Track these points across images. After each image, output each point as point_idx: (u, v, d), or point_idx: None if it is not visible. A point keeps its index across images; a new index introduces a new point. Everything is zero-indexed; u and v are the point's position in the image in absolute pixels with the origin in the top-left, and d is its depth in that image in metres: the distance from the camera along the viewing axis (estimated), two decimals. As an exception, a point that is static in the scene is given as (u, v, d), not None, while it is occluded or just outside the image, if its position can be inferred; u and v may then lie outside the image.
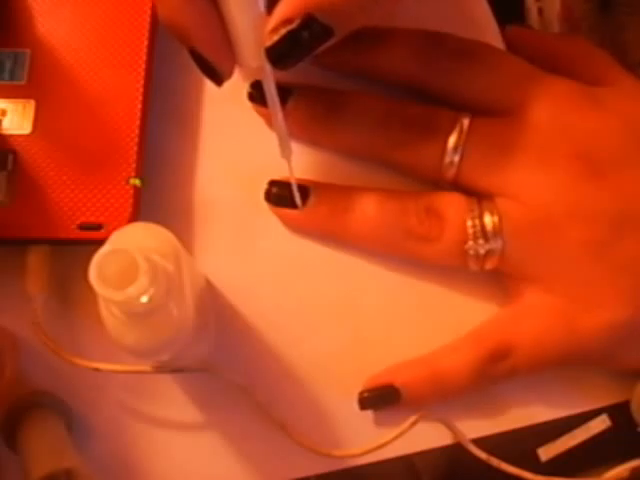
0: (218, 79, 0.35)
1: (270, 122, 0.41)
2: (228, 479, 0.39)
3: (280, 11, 0.33)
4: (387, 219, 0.39)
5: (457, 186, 0.39)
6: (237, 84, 0.42)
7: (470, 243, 0.37)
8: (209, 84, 0.42)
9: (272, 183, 0.40)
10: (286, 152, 0.37)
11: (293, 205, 0.39)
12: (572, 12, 0.43)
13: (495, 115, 0.38)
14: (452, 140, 0.38)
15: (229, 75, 0.35)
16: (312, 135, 0.41)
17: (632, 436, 0.39)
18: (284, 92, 0.40)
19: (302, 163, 0.41)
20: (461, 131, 0.37)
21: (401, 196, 0.39)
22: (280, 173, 0.40)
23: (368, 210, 0.39)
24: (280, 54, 0.33)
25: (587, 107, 0.38)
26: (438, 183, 0.39)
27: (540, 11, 0.43)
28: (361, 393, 0.39)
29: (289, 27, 0.33)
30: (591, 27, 0.43)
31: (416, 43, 0.39)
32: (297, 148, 0.41)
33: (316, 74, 0.41)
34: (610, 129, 0.37)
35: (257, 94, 0.40)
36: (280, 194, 0.40)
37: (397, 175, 0.41)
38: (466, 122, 0.38)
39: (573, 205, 0.37)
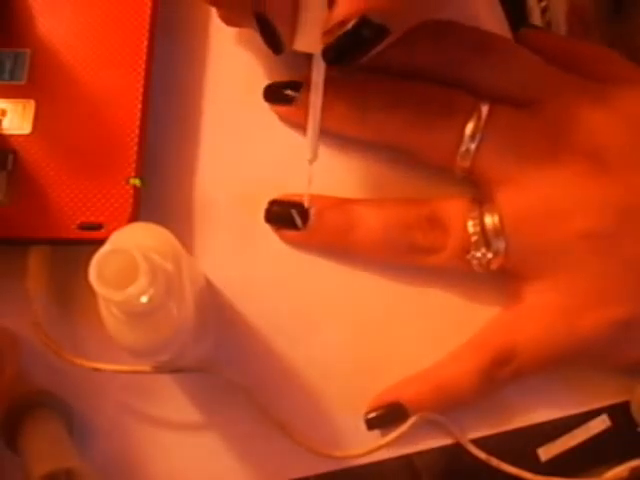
0: (279, 48, 0.35)
1: (288, 118, 0.41)
2: (228, 479, 0.39)
3: (336, 14, 0.33)
4: (391, 235, 0.39)
5: (469, 173, 0.39)
6: (236, 84, 0.42)
7: (472, 253, 0.37)
8: (209, 84, 0.42)
9: (272, 203, 0.40)
10: (313, 155, 0.37)
11: (294, 226, 0.39)
12: (583, 14, 0.43)
13: (512, 107, 0.38)
14: (470, 127, 0.38)
15: (290, 47, 0.35)
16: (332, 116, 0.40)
17: (632, 436, 0.39)
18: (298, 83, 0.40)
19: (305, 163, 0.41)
20: (479, 118, 0.38)
21: (403, 207, 0.39)
22: (282, 174, 0.40)
23: (371, 227, 0.39)
24: (336, 55, 0.34)
25: (599, 105, 0.38)
26: (451, 168, 0.39)
27: (544, 11, 0.43)
28: (367, 413, 0.39)
29: (344, 29, 0.33)
30: (603, 29, 0.43)
31: (434, 33, 0.40)
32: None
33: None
34: (620, 127, 0.37)
35: (270, 93, 0.40)
36: (280, 214, 0.40)
37: (404, 168, 0.41)
38: (485, 109, 0.38)
39: (578, 199, 0.37)
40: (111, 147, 0.39)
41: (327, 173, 0.41)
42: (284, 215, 0.39)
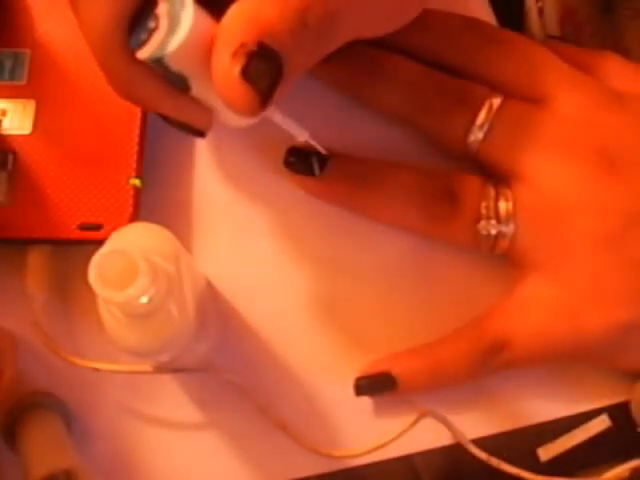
0: (200, 134, 0.34)
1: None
2: (228, 479, 0.39)
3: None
4: (405, 196, 0.39)
5: (478, 162, 0.39)
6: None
7: (482, 222, 0.38)
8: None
9: (291, 150, 0.40)
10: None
11: (311, 172, 0.39)
12: (574, 15, 0.43)
13: (525, 102, 0.38)
14: (480, 117, 0.38)
15: (210, 128, 0.34)
16: (349, 88, 0.41)
17: (632, 436, 0.39)
18: None
19: (323, 134, 0.41)
20: (490, 109, 0.38)
21: (421, 174, 0.39)
22: (282, 174, 0.40)
23: (388, 186, 0.39)
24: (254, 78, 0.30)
25: (613, 106, 0.38)
26: (461, 156, 0.39)
27: (541, 12, 0.43)
28: (357, 379, 0.39)
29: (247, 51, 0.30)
30: (593, 31, 0.43)
31: (451, 24, 0.40)
32: (320, 118, 0.41)
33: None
34: (632, 130, 0.38)
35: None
36: (298, 161, 0.40)
37: (421, 149, 0.41)
38: (497, 102, 0.38)
39: (588, 198, 0.37)
40: (111, 147, 0.39)
41: (349, 144, 0.41)
42: (303, 161, 0.39)
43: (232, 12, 0.30)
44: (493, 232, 0.38)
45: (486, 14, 0.43)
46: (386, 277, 0.40)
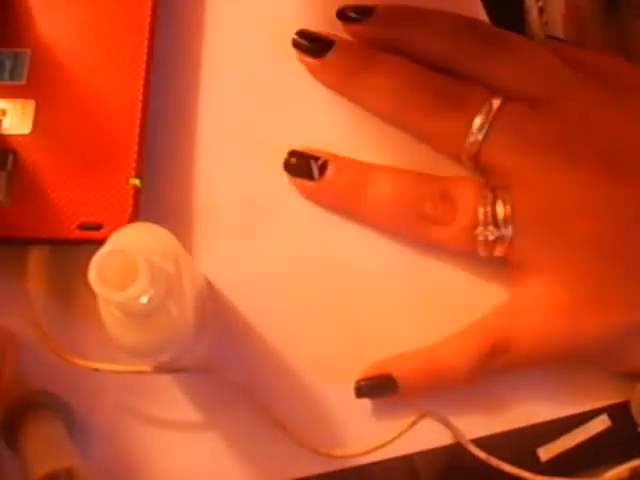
0: None
1: (313, 71, 0.42)
2: (228, 479, 0.39)
3: None
4: (401, 201, 0.39)
5: (477, 164, 0.39)
6: (235, 84, 0.42)
7: (480, 228, 0.38)
8: (208, 84, 0.42)
9: (292, 153, 0.40)
10: None
11: (310, 176, 0.40)
12: (578, 13, 0.43)
13: (524, 103, 0.38)
14: (479, 119, 0.38)
15: None
16: (347, 88, 0.41)
17: (632, 436, 0.39)
18: (326, 42, 0.41)
19: (322, 136, 0.41)
20: (489, 111, 0.38)
21: (417, 178, 0.40)
22: (281, 174, 0.40)
23: (383, 190, 0.39)
24: None
25: (612, 107, 0.38)
26: (460, 158, 0.39)
27: (541, 11, 0.43)
28: (358, 381, 0.39)
29: None
30: (598, 29, 0.43)
31: (451, 25, 0.40)
32: (319, 120, 0.41)
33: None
34: (632, 132, 0.37)
35: (302, 41, 0.41)
36: (298, 164, 0.40)
37: (417, 153, 0.41)
38: (496, 103, 0.38)
39: (588, 201, 0.37)
40: (111, 147, 0.39)
41: (346, 147, 0.41)
42: (302, 165, 0.40)
43: None
44: (491, 238, 0.38)
45: (480, 14, 0.43)
46: (387, 278, 0.40)
